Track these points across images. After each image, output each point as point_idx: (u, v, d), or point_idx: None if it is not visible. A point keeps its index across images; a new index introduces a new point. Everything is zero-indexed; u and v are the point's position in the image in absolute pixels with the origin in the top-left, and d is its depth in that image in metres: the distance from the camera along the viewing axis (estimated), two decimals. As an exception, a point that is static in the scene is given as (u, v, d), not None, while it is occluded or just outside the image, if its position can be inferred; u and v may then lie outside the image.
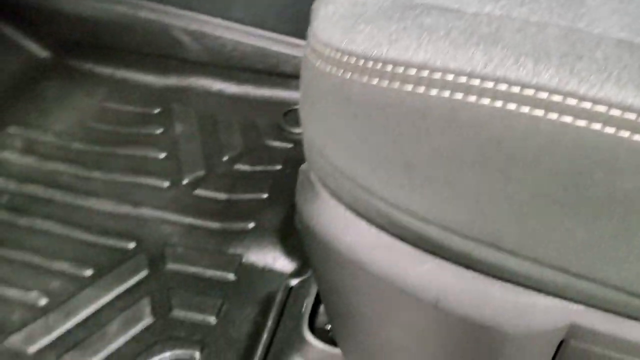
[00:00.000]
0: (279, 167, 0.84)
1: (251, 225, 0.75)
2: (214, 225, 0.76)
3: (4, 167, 0.86)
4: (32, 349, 0.64)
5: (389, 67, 0.30)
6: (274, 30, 0.95)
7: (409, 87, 0.30)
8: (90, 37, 1.02)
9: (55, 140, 0.90)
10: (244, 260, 0.72)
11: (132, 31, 0.99)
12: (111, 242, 0.75)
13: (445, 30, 0.30)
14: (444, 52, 0.29)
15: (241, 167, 0.85)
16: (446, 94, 0.29)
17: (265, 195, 0.79)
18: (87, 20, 1.00)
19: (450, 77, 0.28)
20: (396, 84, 0.30)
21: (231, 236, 0.75)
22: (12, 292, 0.70)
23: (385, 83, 0.30)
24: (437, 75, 0.29)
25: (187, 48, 0.98)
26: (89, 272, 0.72)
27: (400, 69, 0.30)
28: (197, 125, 0.92)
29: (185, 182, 0.83)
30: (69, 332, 0.66)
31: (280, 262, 0.71)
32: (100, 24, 0.99)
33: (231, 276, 0.70)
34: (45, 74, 1.01)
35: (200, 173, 0.84)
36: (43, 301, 0.69)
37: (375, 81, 0.30)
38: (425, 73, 0.29)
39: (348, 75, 0.32)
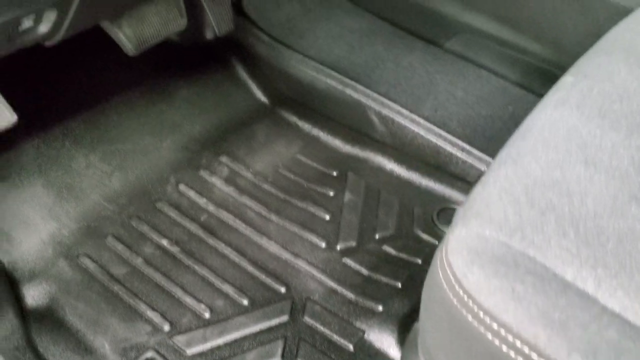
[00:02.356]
0: (419, 260, 0.96)
1: (379, 308, 0.89)
2: (350, 296, 0.91)
3: (210, 189, 1.08)
4: (190, 351, 0.85)
5: (502, 331, 0.41)
6: (453, 133, 1.07)
7: (511, 353, 0.41)
8: (301, 96, 1.21)
9: (252, 177, 1.10)
10: (365, 336, 0.86)
11: (334, 101, 1.16)
12: (268, 281, 0.94)
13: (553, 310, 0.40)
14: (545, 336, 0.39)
15: (388, 249, 0.98)
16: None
17: (399, 285, 0.92)
18: (302, 82, 1.19)
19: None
20: (503, 347, 0.41)
21: (361, 311, 0.89)
22: (188, 299, 0.91)
23: (496, 341, 0.42)
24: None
25: (375, 128, 1.14)
26: (245, 302, 0.91)
27: (510, 336, 0.41)
28: (363, 197, 1.07)
29: (338, 247, 0.99)
30: (218, 347, 0.85)
31: (393, 350, 0.84)
32: (311, 87, 1.18)
33: (350, 347, 0.85)
34: (260, 117, 1.22)
35: (353, 243, 0.99)
36: (207, 314, 0.89)
37: (488, 335, 0.42)
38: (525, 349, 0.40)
39: (469, 317, 0.43)
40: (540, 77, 1.11)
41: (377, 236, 1.01)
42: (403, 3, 1.20)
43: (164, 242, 0.99)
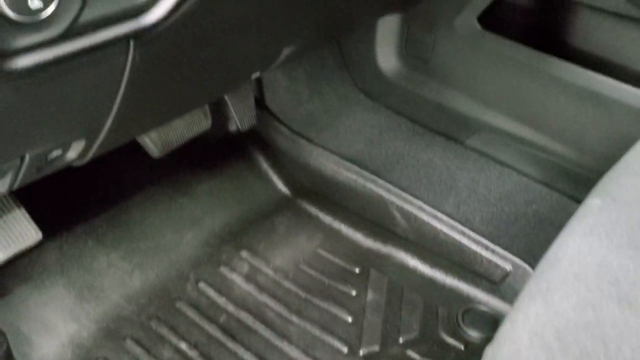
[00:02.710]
0: (444, 369, 0.93)
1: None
2: (374, 407, 0.88)
3: (230, 288, 1.07)
4: None
5: None
6: (476, 231, 1.06)
7: None
8: (322, 188, 1.21)
9: (272, 274, 1.09)
10: None
11: (355, 194, 1.16)
12: (289, 389, 0.91)
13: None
14: None
15: (412, 354, 0.96)
16: None
17: (424, 395, 0.89)
18: (323, 175, 1.19)
19: None
20: None
21: None
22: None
23: None
24: None
25: (397, 223, 1.13)
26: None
27: None
28: (386, 296, 1.05)
29: (361, 353, 0.96)
30: None
31: None
32: (332, 180, 1.19)
33: None
34: (281, 209, 1.22)
35: (376, 348, 0.97)
36: None
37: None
38: None
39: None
40: (563, 176, 1.10)
41: (400, 339, 0.98)
42: (421, 100, 1.21)
43: (183, 346, 0.97)
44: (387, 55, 1.19)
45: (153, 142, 0.97)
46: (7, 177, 0.60)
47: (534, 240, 1.04)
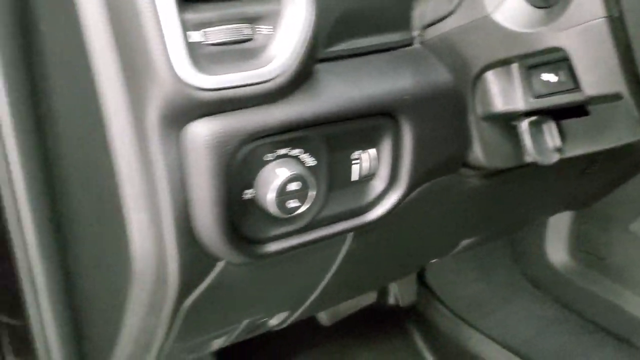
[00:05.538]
0: None
1: None
2: None
3: None
4: None
5: None
6: None
7: None
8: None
9: None
10: None
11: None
12: None
13: None
14: None
15: None
16: None
17: None
18: None
19: None
20: None
21: None
22: None
23: None
24: None
25: None
26: None
27: None
28: None
29: None
30: None
31: None
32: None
33: None
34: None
35: None
36: None
37: None
38: None
39: None
40: None
41: None
42: (594, 297, 1.17)
43: None
44: (557, 250, 1.19)
45: (325, 312, 1.03)
46: (223, 339, 0.67)
47: None
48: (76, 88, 0.49)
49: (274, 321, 0.71)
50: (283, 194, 0.49)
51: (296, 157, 0.51)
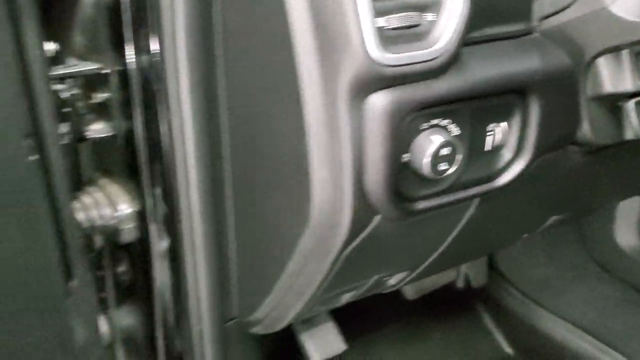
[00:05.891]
0: None
1: None
2: None
3: None
4: None
5: None
6: None
7: None
8: (549, 354, 1.25)
9: None
10: None
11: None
12: None
13: None
14: None
15: None
16: None
17: None
18: (552, 341, 1.23)
19: None
20: None
21: None
22: None
23: None
24: None
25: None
26: None
27: None
28: None
29: None
30: None
31: None
32: (561, 347, 1.22)
33: None
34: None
35: None
36: None
37: None
38: None
39: None
40: None
41: None
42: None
43: None
44: (626, 232, 1.26)
45: (411, 285, 1.11)
46: (352, 294, 0.76)
47: None
48: (271, 60, 0.58)
49: (392, 281, 0.79)
50: (436, 158, 0.58)
51: (445, 127, 0.60)
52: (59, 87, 0.71)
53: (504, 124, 0.64)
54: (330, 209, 0.58)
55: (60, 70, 0.68)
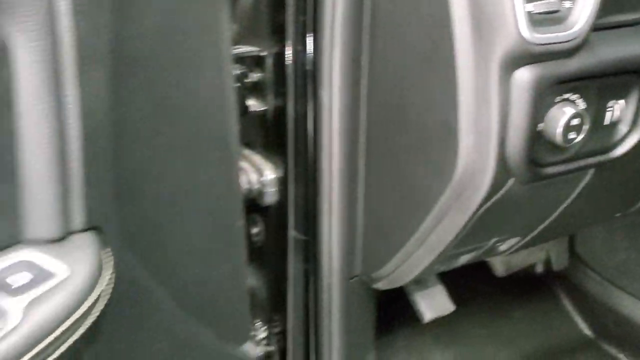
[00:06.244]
0: None
1: None
2: None
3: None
4: None
5: None
6: None
7: None
8: (629, 335, 1.30)
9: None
10: None
11: None
12: None
13: None
14: None
15: None
16: None
17: None
18: (632, 324, 1.29)
19: None
20: None
21: None
22: None
23: None
24: None
25: None
26: None
27: None
28: None
29: None
30: None
31: None
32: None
33: None
34: (582, 351, 1.33)
35: None
36: None
37: None
38: None
39: None
40: None
41: None
42: None
43: None
44: None
45: (501, 262, 1.19)
46: (471, 255, 0.85)
47: None
48: (427, 40, 0.67)
49: (504, 246, 0.88)
50: (567, 128, 0.67)
51: (574, 101, 0.68)
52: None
53: (622, 102, 0.73)
54: (473, 171, 0.67)
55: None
